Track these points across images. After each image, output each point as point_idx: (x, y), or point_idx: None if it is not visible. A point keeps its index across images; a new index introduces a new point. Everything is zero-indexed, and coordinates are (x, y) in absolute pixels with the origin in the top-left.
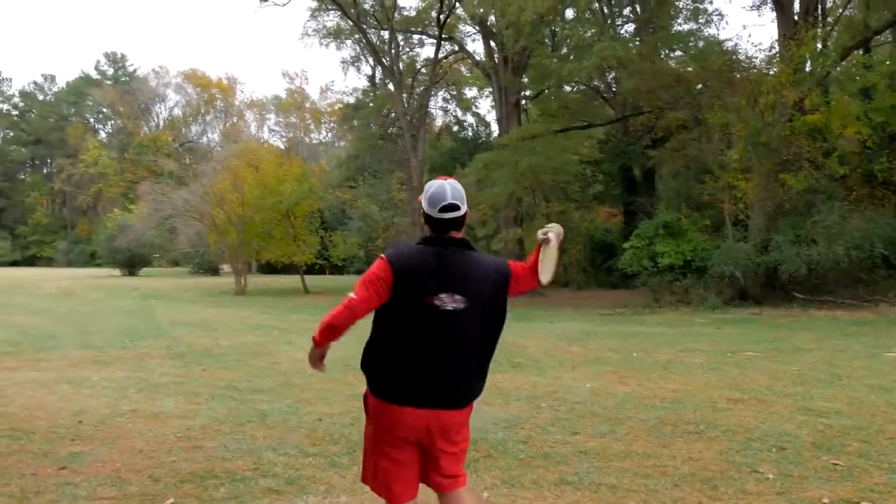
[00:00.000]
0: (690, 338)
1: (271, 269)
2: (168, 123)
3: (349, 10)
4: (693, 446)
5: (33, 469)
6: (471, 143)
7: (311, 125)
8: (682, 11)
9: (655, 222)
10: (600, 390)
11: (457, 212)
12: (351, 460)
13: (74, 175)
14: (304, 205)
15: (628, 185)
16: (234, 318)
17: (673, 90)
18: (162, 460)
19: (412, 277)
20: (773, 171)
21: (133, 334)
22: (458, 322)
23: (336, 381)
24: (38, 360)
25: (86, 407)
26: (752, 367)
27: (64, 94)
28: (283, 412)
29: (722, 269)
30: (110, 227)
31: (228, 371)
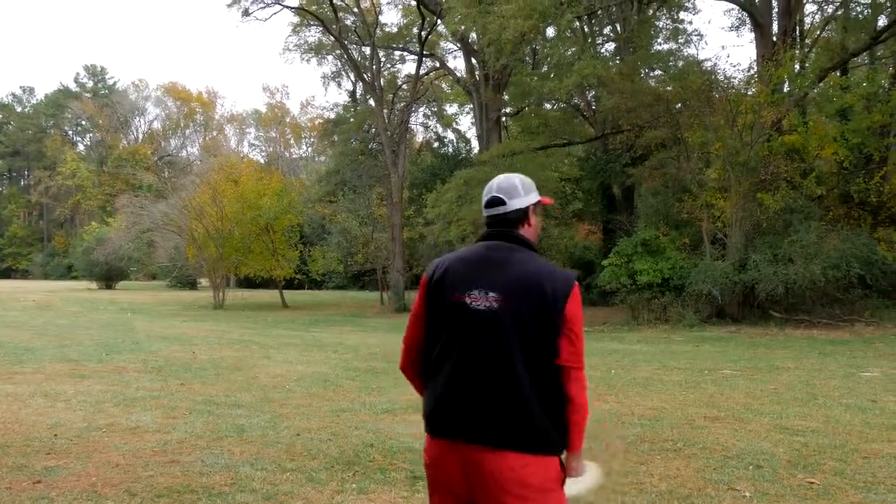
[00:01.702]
0: (669, 355)
1: (250, 283)
2: (147, 136)
3: (331, 25)
4: (671, 463)
5: (8, 483)
6: (451, 159)
7: (291, 140)
8: (661, 31)
9: (634, 240)
10: None
11: (501, 207)
12: (329, 475)
13: (52, 187)
14: (283, 219)
15: (608, 202)
16: (212, 332)
17: (652, 109)
18: (138, 475)
19: (444, 276)
20: (750, 190)
21: (110, 348)
22: (492, 324)
23: (315, 396)
24: (14, 373)
25: (61, 420)
26: (729, 386)
27: (43, 106)
28: (262, 427)
29: (700, 288)
30: (87, 240)
31: (206, 385)
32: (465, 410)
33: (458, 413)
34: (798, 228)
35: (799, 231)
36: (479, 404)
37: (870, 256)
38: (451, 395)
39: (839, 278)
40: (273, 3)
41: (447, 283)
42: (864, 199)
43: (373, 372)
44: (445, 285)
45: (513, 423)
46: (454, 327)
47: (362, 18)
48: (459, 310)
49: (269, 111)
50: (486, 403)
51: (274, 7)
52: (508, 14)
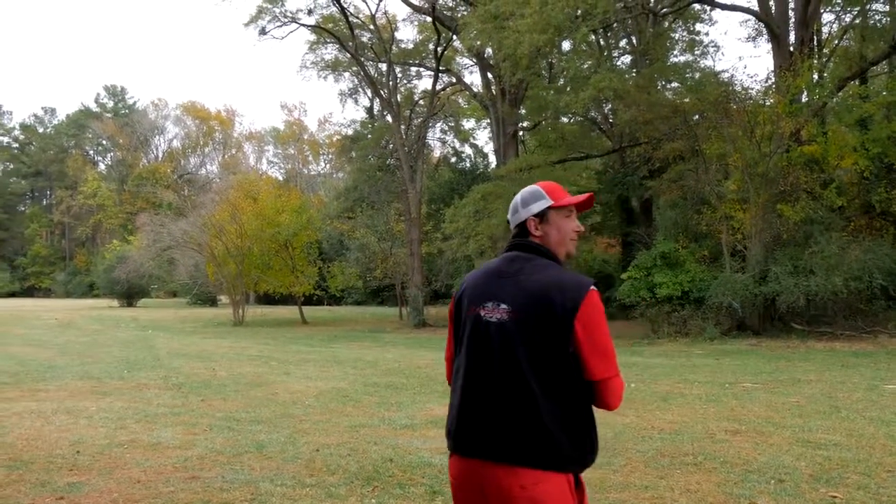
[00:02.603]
0: (689, 369)
1: (269, 299)
2: (167, 155)
3: (347, 43)
4: (691, 478)
5: (31, 499)
6: (469, 174)
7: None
8: (678, 43)
9: (653, 253)
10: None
11: (512, 215)
12: (348, 491)
13: (73, 207)
14: (302, 236)
15: (626, 215)
16: (231, 348)
17: (670, 121)
18: (159, 490)
19: (466, 290)
20: (770, 201)
21: (131, 365)
22: (501, 337)
23: (334, 411)
24: (37, 390)
25: (84, 437)
26: (750, 399)
27: (64, 127)
28: (281, 443)
29: (720, 300)
30: (109, 259)
31: (226, 401)
32: (477, 427)
33: (472, 430)
34: (819, 240)
35: (820, 242)
36: (490, 420)
37: (892, 267)
38: (464, 411)
39: (861, 290)
40: (290, 21)
41: (466, 297)
42: (885, 209)
43: (392, 387)
44: (465, 299)
45: (524, 440)
46: (469, 341)
47: (378, 35)
48: (474, 323)
49: (287, 128)
50: (496, 419)
51: (290, 25)
52: (524, 29)
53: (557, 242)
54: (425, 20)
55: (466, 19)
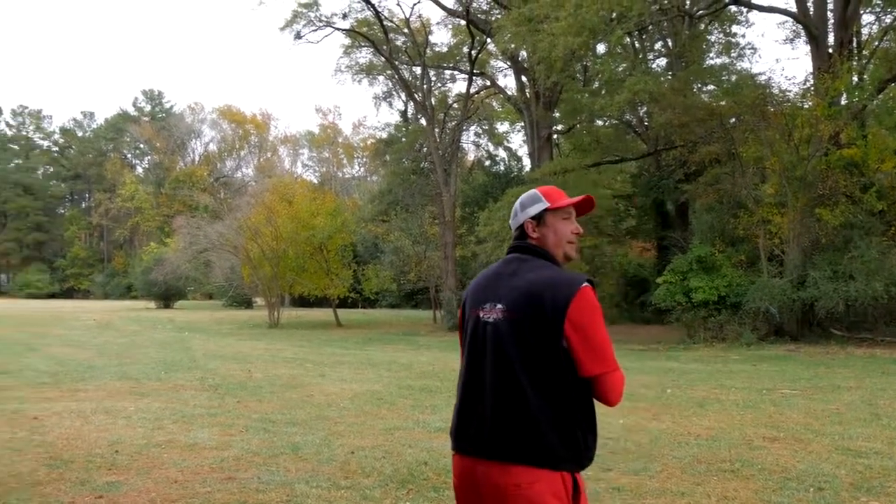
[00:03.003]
0: (725, 374)
1: (304, 302)
2: (203, 158)
3: (381, 46)
4: (728, 485)
5: (71, 497)
6: (503, 177)
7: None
8: (714, 45)
9: (689, 257)
10: (634, 427)
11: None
12: (383, 493)
13: (112, 209)
14: (336, 238)
15: (661, 219)
16: (267, 350)
17: (706, 124)
18: (196, 490)
19: (470, 292)
20: (808, 205)
21: (168, 366)
22: (495, 337)
23: (369, 414)
24: (77, 390)
25: (122, 437)
26: (788, 405)
27: (102, 131)
28: (316, 444)
29: (757, 305)
30: (146, 261)
31: (262, 403)
32: (474, 425)
33: (469, 428)
34: (859, 244)
35: (860, 247)
36: (484, 419)
37: None
38: (462, 410)
39: None
40: (325, 25)
41: (469, 299)
42: None
43: (426, 390)
44: (469, 301)
45: (516, 438)
46: (469, 342)
47: (412, 39)
48: (474, 324)
49: (321, 132)
50: (490, 418)
51: (325, 30)
52: (558, 32)
53: (555, 244)
54: (459, 23)
55: (500, 22)
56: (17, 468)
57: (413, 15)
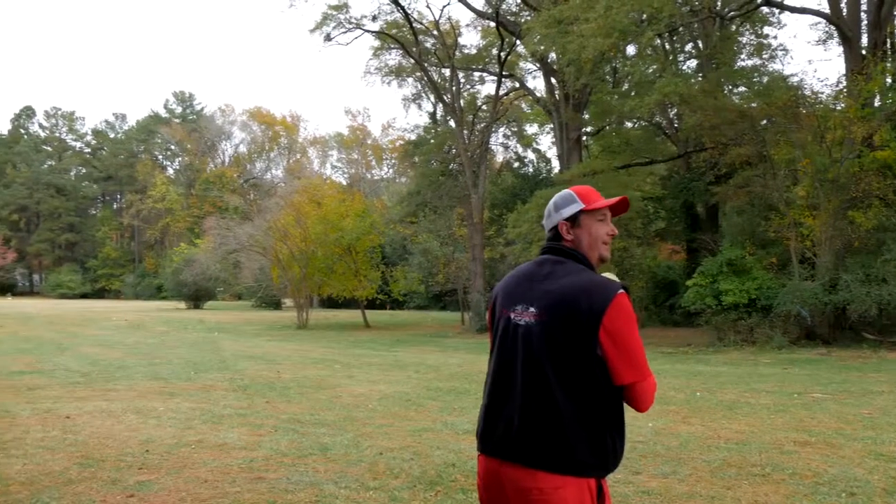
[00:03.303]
0: (756, 378)
1: (332, 303)
2: (233, 160)
3: (411, 48)
4: (759, 489)
5: (103, 496)
6: (531, 179)
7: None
8: (745, 47)
9: (719, 259)
10: (663, 430)
11: (546, 219)
12: (411, 495)
13: (143, 210)
14: (365, 240)
15: (691, 221)
16: (296, 351)
17: (737, 126)
18: (226, 490)
19: (500, 292)
20: (841, 208)
21: (198, 366)
22: (526, 340)
23: (397, 415)
24: (108, 390)
25: (153, 436)
26: (820, 410)
27: (134, 132)
28: (345, 446)
29: (788, 308)
30: (176, 261)
31: (291, 404)
32: (500, 429)
33: (496, 431)
34: (892, 247)
35: (893, 250)
36: (512, 424)
37: None
38: (489, 413)
39: None
40: (354, 27)
41: (500, 299)
42: None
43: (454, 392)
44: (499, 301)
45: (544, 445)
46: (499, 343)
47: (442, 41)
48: (505, 325)
49: (350, 134)
50: (518, 422)
51: (355, 32)
52: (588, 33)
53: (589, 246)
54: (489, 25)
55: (530, 24)
56: (49, 467)
57: (442, 17)
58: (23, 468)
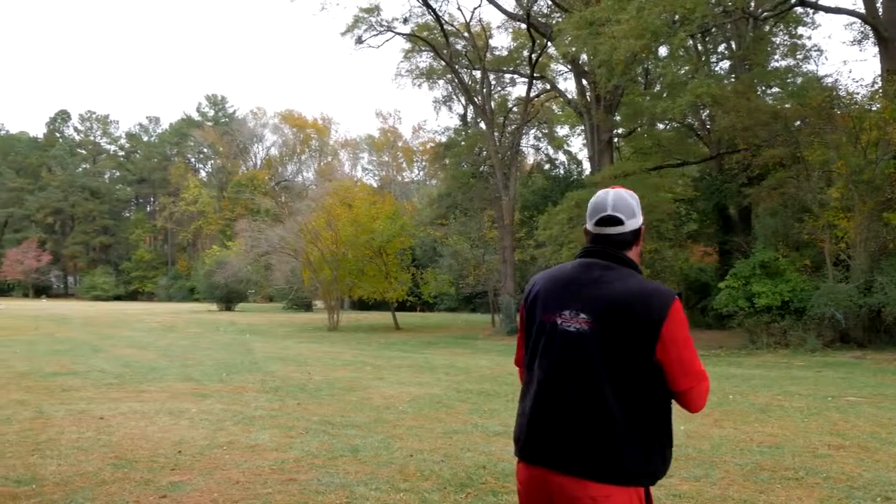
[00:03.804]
0: (789, 381)
1: (363, 305)
2: (265, 163)
3: (442, 51)
4: (792, 493)
5: (136, 497)
6: (562, 181)
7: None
8: (779, 47)
9: (752, 262)
10: (695, 433)
11: (617, 227)
12: (441, 497)
13: (175, 213)
14: (395, 242)
15: (723, 223)
16: (327, 353)
17: (770, 127)
18: (257, 492)
19: (538, 294)
20: (876, 209)
21: (230, 368)
22: (578, 347)
23: (427, 417)
24: (141, 391)
25: (185, 438)
26: (854, 413)
27: (167, 135)
28: (375, 447)
29: (822, 311)
30: (208, 264)
31: (322, 405)
32: (549, 437)
33: (543, 439)
34: None
35: None
36: (562, 432)
37: None
38: (536, 420)
39: None
40: (385, 30)
41: (539, 302)
42: None
43: (485, 394)
44: (538, 304)
45: (596, 454)
46: (544, 349)
47: (473, 43)
48: (550, 330)
49: (381, 136)
50: (569, 432)
51: (386, 34)
52: (619, 34)
53: (637, 255)
54: (520, 27)
55: (561, 25)
56: (84, 467)
57: (473, 19)
58: (57, 468)
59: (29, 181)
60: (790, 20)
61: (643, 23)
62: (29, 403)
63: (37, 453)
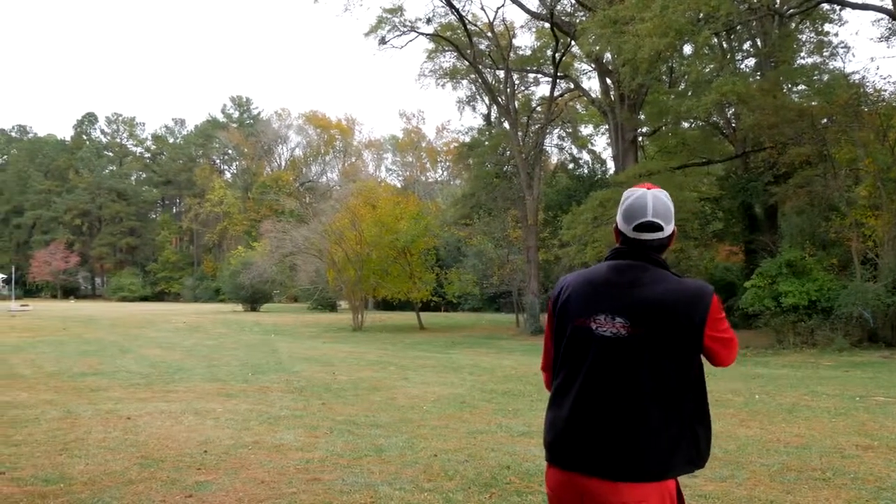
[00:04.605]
0: (816, 381)
1: (387, 305)
2: (289, 164)
3: (465, 50)
4: (819, 493)
5: (162, 496)
6: (586, 180)
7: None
8: (805, 44)
9: (778, 261)
10: (721, 433)
11: (657, 233)
12: (466, 497)
13: (201, 214)
14: (420, 242)
15: (749, 222)
16: (351, 353)
17: (796, 125)
18: (282, 491)
19: (569, 298)
20: None
21: (255, 368)
22: (616, 352)
23: (451, 417)
24: (167, 391)
25: (211, 437)
26: (883, 413)
27: (193, 137)
28: (400, 447)
29: (850, 310)
30: (234, 264)
31: (346, 405)
32: (586, 444)
33: (579, 446)
34: None
35: None
36: (601, 439)
37: None
38: (573, 426)
39: None
40: (409, 30)
41: (571, 306)
42: None
43: (509, 394)
44: (570, 307)
45: (634, 460)
46: (579, 353)
47: (496, 42)
48: (584, 335)
49: (405, 136)
50: (609, 439)
51: (410, 35)
52: (643, 33)
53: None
54: (543, 26)
55: (585, 24)
56: (111, 467)
57: (497, 18)
58: (85, 468)
59: (57, 183)
60: (816, 17)
61: (667, 21)
62: (57, 403)
63: (65, 453)
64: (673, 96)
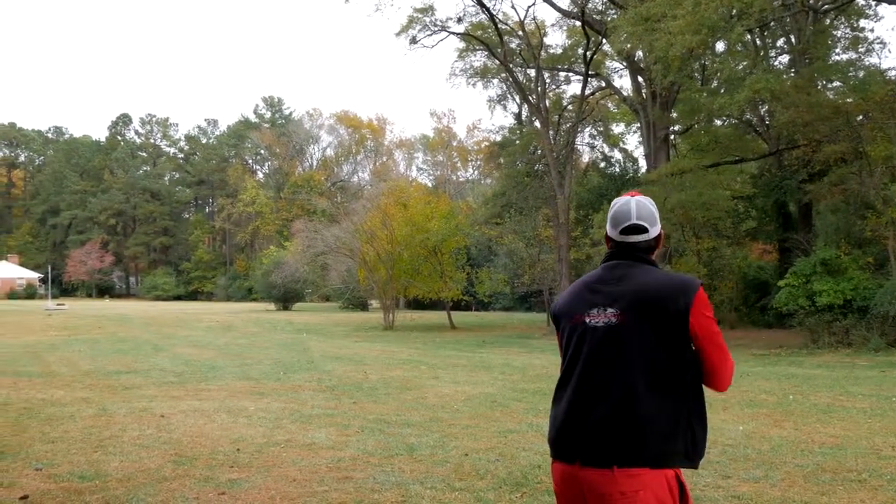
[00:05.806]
0: (852, 381)
1: (418, 304)
2: (321, 163)
3: (496, 49)
4: (855, 495)
5: (196, 493)
6: (618, 179)
7: (458, 163)
8: (840, 41)
9: (813, 259)
10: (754, 433)
11: (641, 235)
12: (497, 496)
13: (234, 214)
14: (450, 241)
15: (783, 220)
16: (382, 352)
17: (831, 122)
18: (314, 489)
19: (565, 300)
20: None
21: (287, 367)
22: (607, 340)
23: (482, 416)
24: (200, 390)
25: (243, 436)
26: None
27: (225, 137)
28: (431, 446)
29: (886, 309)
30: (266, 264)
31: (378, 404)
32: (583, 434)
33: (576, 436)
34: None
35: None
36: (597, 428)
37: None
38: (570, 418)
39: None
40: (439, 30)
41: (570, 306)
42: None
43: (540, 393)
44: (569, 308)
45: (632, 446)
46: (576, 349)
47: (527, 41)
48: (581, 330)
49: (436, 136)
50: (604, 427)
51: (440, 34)
52: (675, 30)
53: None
54: (574, 25)
55: (616, 22)
56: (145, 464)
57: (527, 17)
58: (120, 465)
59: (92, 184)
60: (851, 12)
61: (699, 18)
62: (92, 401)
63: (100, 450)
64: (705, 94)
